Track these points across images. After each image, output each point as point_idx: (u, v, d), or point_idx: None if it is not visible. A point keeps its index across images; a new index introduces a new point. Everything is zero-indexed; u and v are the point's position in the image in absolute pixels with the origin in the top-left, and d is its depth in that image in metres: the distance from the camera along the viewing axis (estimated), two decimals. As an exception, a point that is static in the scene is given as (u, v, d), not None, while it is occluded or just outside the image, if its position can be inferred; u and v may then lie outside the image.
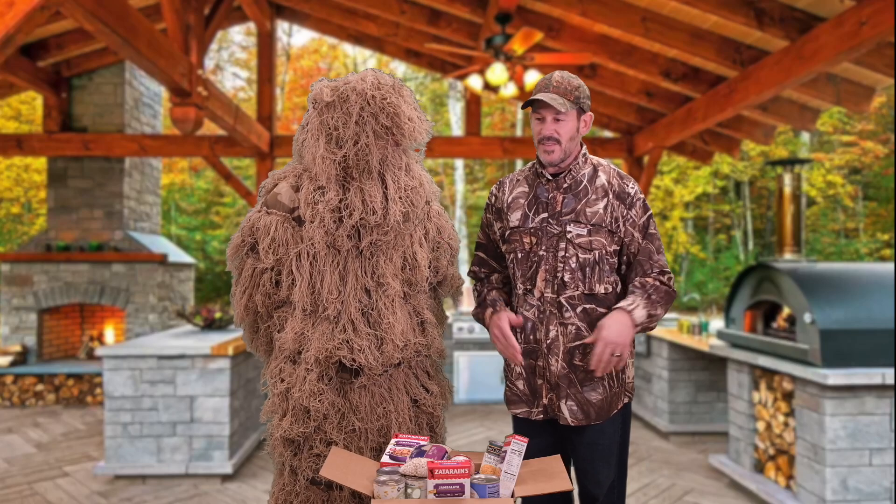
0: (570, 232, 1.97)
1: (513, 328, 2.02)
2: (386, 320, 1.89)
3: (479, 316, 2.13)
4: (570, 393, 1.97)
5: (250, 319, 2.03)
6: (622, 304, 1.93)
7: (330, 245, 1.89)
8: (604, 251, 1.98)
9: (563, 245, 1.98)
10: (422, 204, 1.91)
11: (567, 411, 1.97)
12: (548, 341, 1.98)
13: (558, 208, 2.01)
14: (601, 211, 1.99)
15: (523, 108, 2.02)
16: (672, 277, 2.01)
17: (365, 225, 1.86)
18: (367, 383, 1.93)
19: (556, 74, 2.01)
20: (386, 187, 1.87)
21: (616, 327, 1.88)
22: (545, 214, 2.02)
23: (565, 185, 2.02)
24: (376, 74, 1.89)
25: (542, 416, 2.02)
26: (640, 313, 1.92)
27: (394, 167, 1.89)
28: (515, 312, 2.05)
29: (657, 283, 1.98)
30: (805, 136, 17.49)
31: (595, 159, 2.10)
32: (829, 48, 3.86)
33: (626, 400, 2.04)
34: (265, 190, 2.02)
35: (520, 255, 2.04)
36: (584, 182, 2.03)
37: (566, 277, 1.97)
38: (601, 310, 1.99)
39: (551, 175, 2.04)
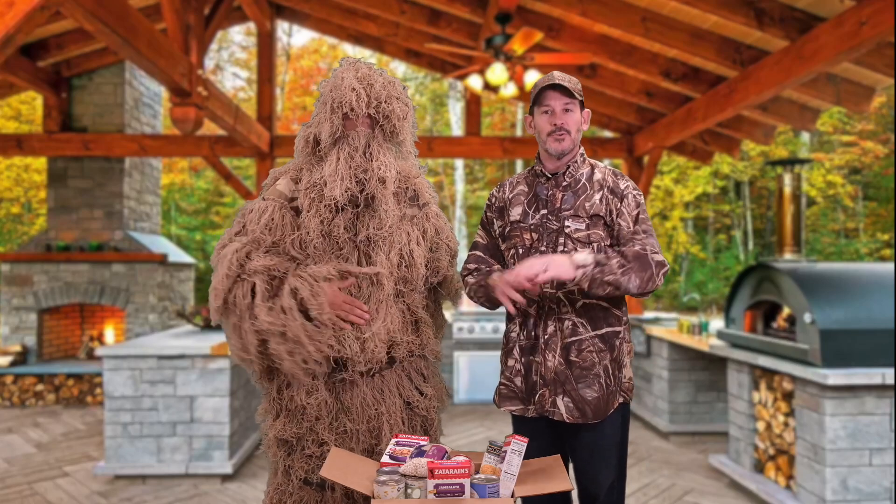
0: (569, 227, 1.99)
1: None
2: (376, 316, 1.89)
3: (481, 285, 2.05)
4: (566, 389, 1.97)
5: (219, 304, 1.88)
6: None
7: (326, 235, 1.89)
8: (602, 244, 2.00)
9: (561, 241, 2.00)
10: (374, 185, 1.87)
11: (563, 408, 1.97)
12: (545, 336, 1.99)
13: (557, 205, 2.03)
14: (598, 202, 2.01)
15: (533, 101, 2.02)
16: (661, 258, 1.95)
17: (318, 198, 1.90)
18: (354, 379, 1.92)
19: (556, 72, 2.05)
20: (338, 164, 1.88)
21: (559, 258, 1.88)
22: (544, 211, 2.04)
23: (565, 184, 2.05)
24: (358, 64, 1.95)
25: (535, 413, 2.02)
26: (584, 257, 1.88)
27: (349, 146, 1.89)
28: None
29: (625, 251, 1.94)
30: (805, 136, 17.48)
31: (592, 161, 2.14)
32: (829, 48, 3.86)
33: (621, 399, 2.04)
34: (266, 186, 2.04)
35: (521, 251, 2.05)
36: (583, 180, 2.06)
37: None
38: (601, 304, 2.00)
39: (550, 174, 2.06)
